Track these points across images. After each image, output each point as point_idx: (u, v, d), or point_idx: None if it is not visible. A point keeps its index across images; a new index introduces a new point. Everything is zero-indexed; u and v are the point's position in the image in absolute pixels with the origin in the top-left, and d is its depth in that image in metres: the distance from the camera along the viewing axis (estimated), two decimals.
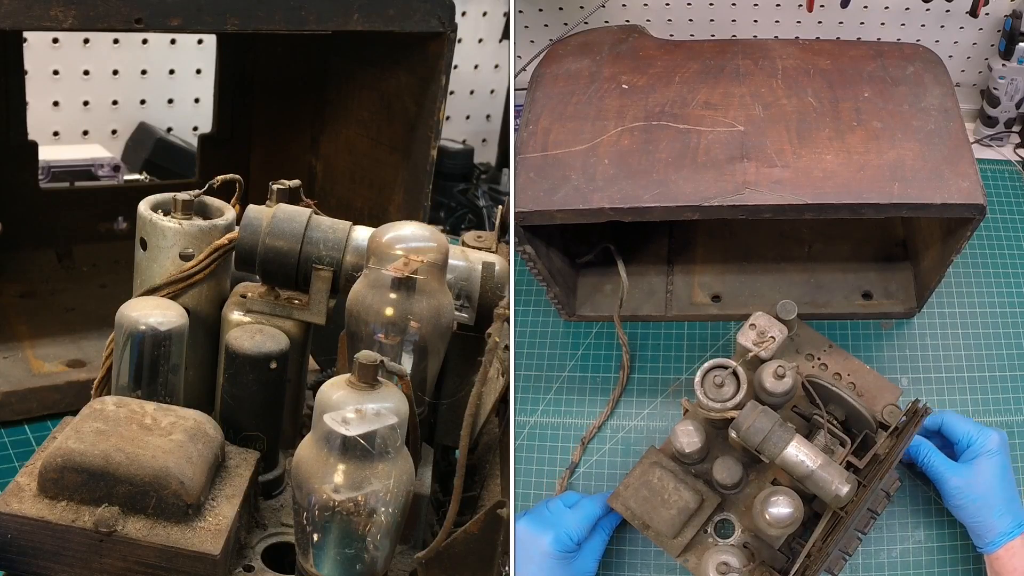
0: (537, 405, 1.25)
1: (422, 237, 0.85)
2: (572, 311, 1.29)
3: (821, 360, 1.12)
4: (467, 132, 2.34)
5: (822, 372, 1.10)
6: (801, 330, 1.13)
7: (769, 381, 1.00)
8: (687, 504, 1.04)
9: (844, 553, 1.01)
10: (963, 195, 1.01)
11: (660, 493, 1.04)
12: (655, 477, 1.05)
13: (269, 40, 1.42)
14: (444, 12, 1.19)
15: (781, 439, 0.95)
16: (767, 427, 0.95)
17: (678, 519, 1.03)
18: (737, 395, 1.00)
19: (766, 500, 0.96)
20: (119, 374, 0.87)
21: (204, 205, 0.95)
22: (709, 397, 1.00)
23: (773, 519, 0.95)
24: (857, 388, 1.09)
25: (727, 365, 1.01)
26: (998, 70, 1.41)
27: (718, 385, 1.00)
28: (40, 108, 1.81)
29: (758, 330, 1.04)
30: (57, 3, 0.97)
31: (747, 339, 1.04)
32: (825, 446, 0.99)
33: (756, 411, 0.96)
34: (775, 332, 1.04)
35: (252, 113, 1.52)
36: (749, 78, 1.16)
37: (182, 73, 1.98)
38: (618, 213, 1.04)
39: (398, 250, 0.84)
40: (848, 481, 0.94)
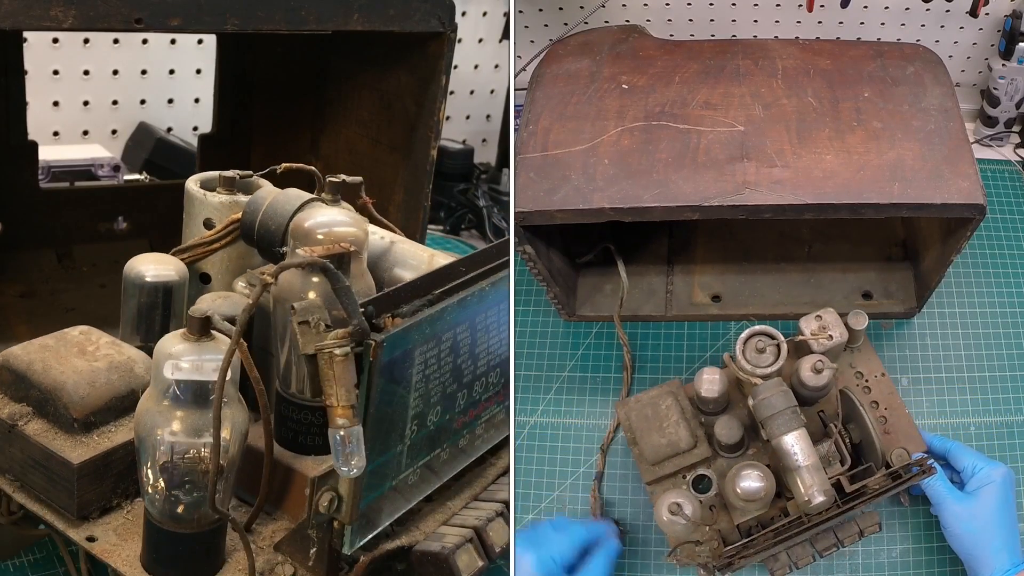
0: (537, 405, 1.25)
1: (343, 222, 0.88)
2: (572, 311, 1.29)
3: (868, 383, 1.11)
4: (467, 132, 2.34)
5: (861, 393, 1.09)
6: (864, 347, 1.11)
7: (806, 372, 1.00)
8: (679, 442, 1.04)
9: (792, 563, 1.01)
10: (963, 195, 1.01)
11: (661, 420, 1.06)
12: (664, 404, 1.06)
13: (269, 40, 1.42)
14: (444, 12, 1.19)
15: (786, 424, 0.95)
16: (779, 407, 0.95)
17: (664, 450, 1.05)
18: (773, 365, 1.00)
19: (739, 471, 0.97)
20: (122, 322, 0.95)
21: (250, 184, 1.03)
22: (746, 359, 1.00)
23: (743, 491, 0.96)
24: (887, 424, 1.08)
25: (774, 336, 1.01)
26: (998, 70, 1.41)
27: (759, 351, 1.01)
28: (40, 108, 1.81)
29: (822, 323, 1.04)
30: (57, 3, 0.97)
31: (808, 326, 1.04)
32: (825, 455, 0.98)
33: (777, 388, 0.96)
34: (836, 333, 1.04)
35: (252, 113, 1.52)
36: (749, 78, 1.16)
37: (182, 73, 1.98)
38: (618, 213, 1.04)
39: (320, 235, 0.86)
40: (826, 494, 0.93)
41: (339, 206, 1.02)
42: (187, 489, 0.79)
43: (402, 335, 0.79)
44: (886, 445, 1.03)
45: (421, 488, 0.90)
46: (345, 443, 0.74)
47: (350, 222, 0.88)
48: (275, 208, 0.96)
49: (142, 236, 1.46)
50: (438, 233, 1.95)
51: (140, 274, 0.94)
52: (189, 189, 1.04)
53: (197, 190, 1.04)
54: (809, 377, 1.00)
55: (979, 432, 1.18)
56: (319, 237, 0.86)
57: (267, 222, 0.96)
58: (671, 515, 0.97)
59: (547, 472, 1.20)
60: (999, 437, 1.18)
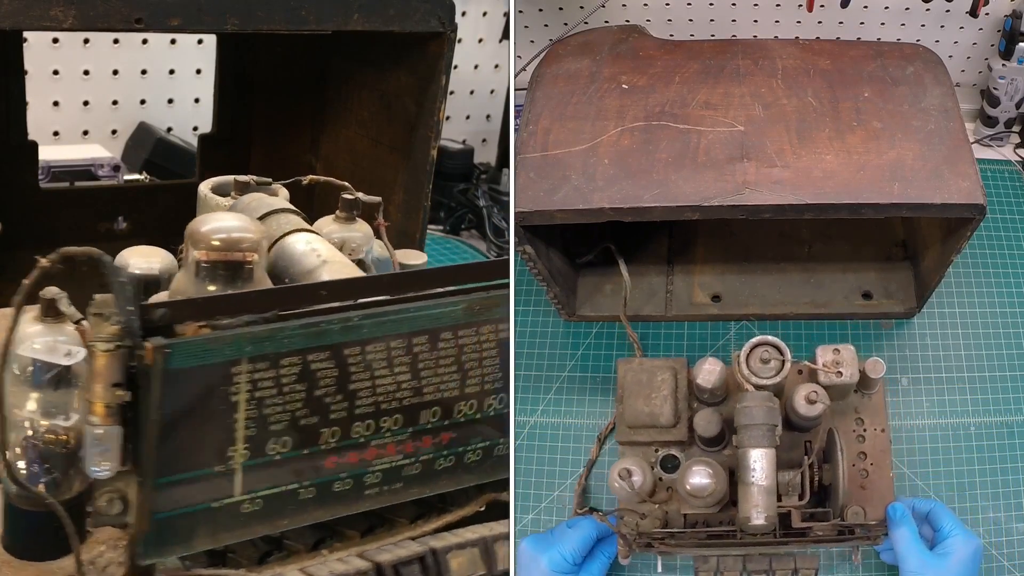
0: (537, 405, 1.25)
1: (241, 228, 0.85)
2: (572, 311, 1.29)
3: (864, 432, 1.08)
4: (467, 132, 2.34)
5: (851, 441, 1.07)
6: (875, 398, 1.09)
7: (799, 400, 0.99)
8: (659, 416, 1.06)
9: (719, 572, 1.02)
10: (963, 195, 1.01)
11: (651, 389, 1.07)
12: (660, 376, 1.07)
13: (269, 40, 1.42)
14: (444, 12, 1.19)
15: (757, 439, 0.95)
16: (757, 420, 0.95)
17: (643, 419, 1.06)
18: (771, 378, 1.00)
19: (692, 465, 0.97)
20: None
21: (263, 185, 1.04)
22: (749, 365, 1.00)
23: (690, 485, 0.96)
24: (866, 479, 1.05)
25: (781, 352, 1.00)
26: (998, 70, 1.41)
27: (763, 360, 1.00)
28: (40, 108, 1.81)
29: (837, 358, 1.03)
30: (57, 3, 0.97)
31: (823, 356, 1.03)
32: (787, 484, 0.97)
33: (763, 402, 0.96)
34: (847, 372, 1.02)
35: (252, 113, 1.52)
36: (749, 78, 1.16)
37: (182, 73, 1.98)
38: (618, 213, 1.04)
39: (215, 240, 0.84)
40: (768, 520, 0.93)
41: (355, 223, 1.02)
42: (46, 469, 0.78)
43: (204, 346, 0.74)
44: (854, 499, 1.02)
45: (272, 522, 0.82)
46: (97, 442, 0.73)
47: (248, 228, 0.86)
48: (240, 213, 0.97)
49: (142, 236, 1.45)
50: (438, 233, 1.95)
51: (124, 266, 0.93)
52: (201, 193, 1.04)
53: (209, 194, 1.04)
54: (801, 405, 0.99)
55: (979, 432, 1.18)
56: (215, 243, 0.84)
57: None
58: (619, 479, 1.00)
59: (547, 472, 1.20)
60: (999, 437, 1.18)
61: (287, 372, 0.79)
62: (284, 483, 0.81)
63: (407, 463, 0.86)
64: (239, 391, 0.77)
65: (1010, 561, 1.10)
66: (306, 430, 0.81)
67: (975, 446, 1.17)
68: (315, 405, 0.81)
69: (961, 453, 1.17)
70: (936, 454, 1.17)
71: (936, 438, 1.18)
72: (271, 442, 0.80)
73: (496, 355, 0.88)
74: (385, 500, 0.86)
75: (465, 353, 0.86)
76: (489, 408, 0.89)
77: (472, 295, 0.85)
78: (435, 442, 0.87)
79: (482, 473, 0.90)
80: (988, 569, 1.09)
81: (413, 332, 0.84)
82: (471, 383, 0.87)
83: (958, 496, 1.14)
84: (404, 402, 0.84)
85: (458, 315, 0.85)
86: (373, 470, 0.85)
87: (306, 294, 0.81)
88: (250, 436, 0.78)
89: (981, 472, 1.15)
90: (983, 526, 1.12)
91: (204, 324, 0.76)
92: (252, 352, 0.77)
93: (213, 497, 0.79)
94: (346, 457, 0.83)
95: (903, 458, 1.16)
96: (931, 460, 1.17)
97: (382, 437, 0.84)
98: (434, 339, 0.85)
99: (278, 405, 0.79)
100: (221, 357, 0.76)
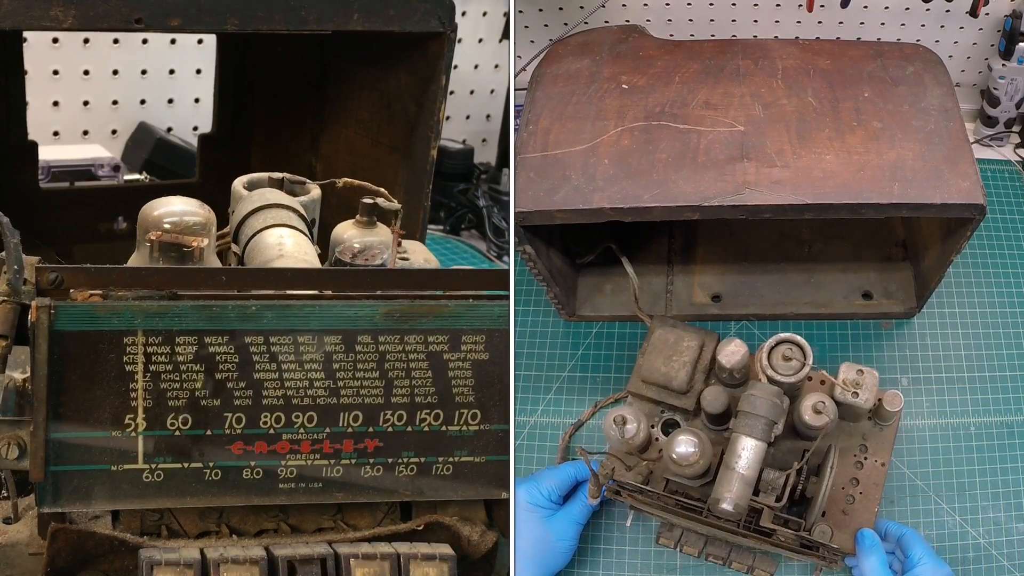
0: (537, 405, 1.25)
1: (191, 212, 0.89)
2: (572, 311, 1.29)
3: (864, 460, 1.06)
4: (467, 132, 2.34)
5: (849, 465, 1.05)
6: (887, 432, 1.07)
7: (806, 407, 0.99)
8: (673, 380, 1.07)
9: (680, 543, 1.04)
10: (963, 195, 1.01)
11: (673, 352, 1.08)
12: (686, 343, 1.08)
13: (269, 40, 1.42)
14: (444, 12, 1.19)
15: (753, 429, 0.95)
16: (759, 411, 0.95)
17: (657, 378, 1.07)
18: (787, 377, 0.99)
19: (679, 434, 0.97)
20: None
21: (295, 185, 1.08)
22: (770, 362, 1.00)
23: (675, 452, 0.96)
24: (851, 504, 1.04)
25: (805, 355, 1.00)
26: (998, 70, 1.41)
27: (785, 358, 1.01)
28: (40, 108, 1.81)
29: (858, 379, 1.02)
30: (57, 3, 0.97)
31: (846, 372, 1.02)
32: (769, 482, 0.97)
33: (770, 395, 0.96)
34: (864, 396, 1.01)
35: (252, 113, 1.52)
36: (749, 78, 1.16)
37: (182, 73, 1.98)
38: (618, 213, 1.04)
39: (167, 224, 0.88)
40: (737, 509, 0.93)
41: (375, 228, 1.04)
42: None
43: (92, 312, 0.78)
44: (831, 520, 1.01)
45: (176, 497, 0.83)
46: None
47: (196, 213, 0.89)
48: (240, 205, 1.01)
49: None
50: (438, 233, 1.95)
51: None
52: (235, 188, 1.08)
53: (241, 190, 1.07)
54: (807, 413, 0.99)
55: (979, 432, 1.18)
56: (165, 226, 0.88)
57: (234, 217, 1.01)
58: (613, 424, 1.01)
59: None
60: (999, 437, 1.18)
61: (183, 351, 0.81)
62: (187, 460, 0.83)
63: (326, 464, 0.86)
64: (134, 362, 0.80)
65: (1010, 561, 1.10)
66: (208, 412, 0.82)
67: (975, 446, 1.17)
68: (216, 388, 0.82)
69: (961, 453, 1.17)
70: (936, 454, 1.17)
71: (936, 438, 1.18)
72: (170, 417, 0.82)
73: (427, 368, 0.86)
74: (304, 498, 0.86)
75: (388, 361, 0.85)
76: (422, 423, 0.86)
77: (393, 301, 0.84)
78: (358, 448, 0.86)
79: (417, 490, 0.88)
80: (988, 569, 1.09)
81: (324, 330, 0.83)
82: (398, 393, 0.86)
83: (958, 496, 1.14)
84: (319, 401, 0.84)
85: (376, 319, 0.84)
86: (287, 464, 0.85)
87: (205, 277, 0.82)
88: (148, 408, 0.81)
89: (981, 472, 1.15)
90: (983, 526, 1.12)
91: (96, 293, 0.79)
92: (145, 325, 0.80)
93: (113, 461, 0.81)
94: (254, 445, 0.84)
95: (903, 458, 1.16)
96: (931, 460, 1.17)
97: (295, 432, 0.84)
98: (349, 341, 0.84)
99: (175, 382, 0.81)
100: (110, 325, 0.79)
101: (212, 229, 0.91)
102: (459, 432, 0.87)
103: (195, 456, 0.83)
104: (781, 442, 1.03)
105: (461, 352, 0.86)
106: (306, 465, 0.85)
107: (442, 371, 0.86)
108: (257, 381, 0.83)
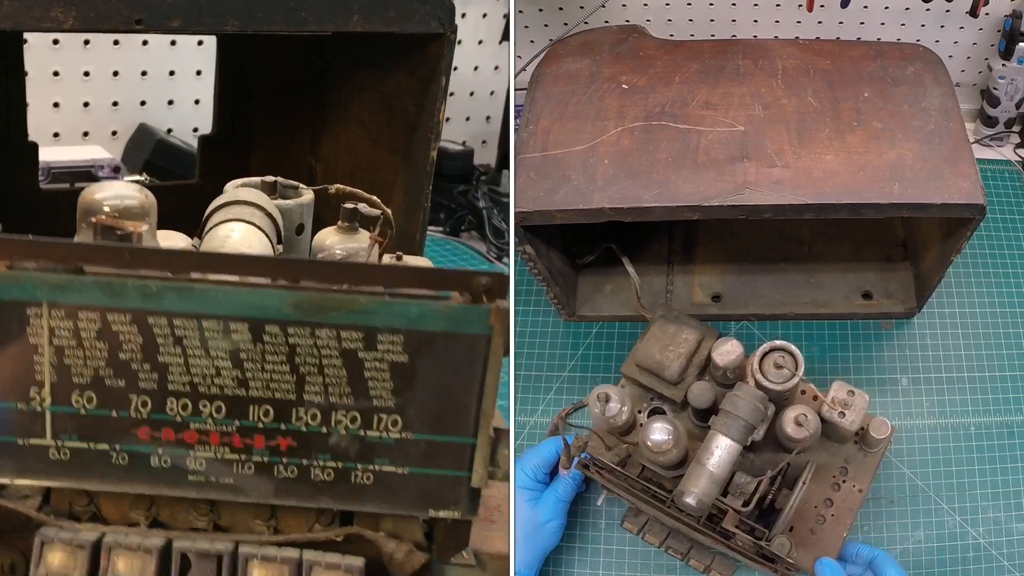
0: (537, 405, 1.25)
1: (130, 196, 0.88)
2: (572, 311, 1.30)
3: (842, 484, 1.05)
4: (467, 133, 2.34)
5: (826, 486, 1.04)
6: (871, 457, 1.06)
7: (789, 419, 0.98)
8: (665, 369, 1.06)
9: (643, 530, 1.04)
10: (963, 195, 1.01)
11: (670, 343, 1.08)
12: (684, 336, 1.08)
13: (269, 41, 1.42)
14: (444, 13, 1.19)
15: (730, 429, 0.95)
16: (740, 412, 0.95)
17: (650, 364, 1.07)
18: (776, 385, 0.99)
19: (651, 423, 0.97)
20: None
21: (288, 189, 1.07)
22: (761, 367, 1.00)
23: (650, 439, 0.96)
24: (820, 525, 1.02)
25: (797, 364, 1.00)
26: (998, 70, 1.42)
27: (777, 366, 1.00)
28: (40, 109, 1.81)
29: (847, 400, 1.01)
30: (57, 4, 0.97)
31: (837, 391, 1.01)
32: (739, 486, 0.96)
33: (754, 399, 0.96)
34: (851, 417, 1.00)
35: (252, 114, 1.52)
36: (749, 78, 1.16)
37: (182, 74, 1.98)
38: (618, 213, 1.04)
39: (107, 207, 0.87)
40: (700, 505, 0.92)
41: (357, 234, 1.04)
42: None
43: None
44: (798, 538, 1.00)
45: (81, 478, 0.82)
46: None
47: (134, 197, 0.88)
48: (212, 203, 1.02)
49: None
50: (438, 235, 1.95)
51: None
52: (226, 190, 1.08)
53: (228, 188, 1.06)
54: (789, 423, 0.98)
55: (979, 432, 1.18)
56: (106, 209, 0.87)
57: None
58: (596, 400, 1.01)
59: None
60: (999, 437, 1.18)
61: (86, 326, 0.80)
62: (93, 441, 0.82)
63: (236, 458, 0.83)
64: (38, 334, 0.79)
65: (1010, 561, 1.10)
66: (112, 392, 0.81)
67: (975, 446, 1.17)
68: (120, 368, 0.81)
69: (961, 453, 1.17)
70: (936, 454, 1.17)
71: (936, 438, 1.18)
72: (75, 394, 0.81)
73: (341, 366, 0.82)
74: (214, 493, 0.83)
75: (299, 355, 0.82)
76: (338, 426, 0.83)
77: (301, 292, 0.81)
78: (270, 445, 0.83)
79: (336, 497, 0.84)
80: (988, 569, 1.09)
81: (228, 316, 0.81)
82: (311, 391, 0.83)
83: (958, 496, 1.14)
84: (226, 391, 0.82)
85: (284, 309, 0.81)
86: (195, 455, 0.83)
87: (109, 254, 0.81)
88: (53, 383, 0.80)
89: (981, 472, 1.16)
90: (983, 526, 1.12)
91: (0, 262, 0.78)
92: (48, 297, 0.79)
93: (20, 433, 0.81)
94: (160, 431, 0.82)
95: (903, 458, 1.17)
96: (931, 460, 1.17)
97: (203, 422, 0.82)
98: (256, 330, 0.81)
99: (79, 358, 0.80)
100: (12, 295, 0.79)
101: (152, 214, 0.90)
102: (379, 438, 0.83)
103: (101, 437, 0.82)
104: (761, 451, 1.03)
105: (377, 352, 0.82)
106: (215, 458, 0.83)
107: (358, 371, 0.82)
108: (162, 364, 0.81)
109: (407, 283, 0.82)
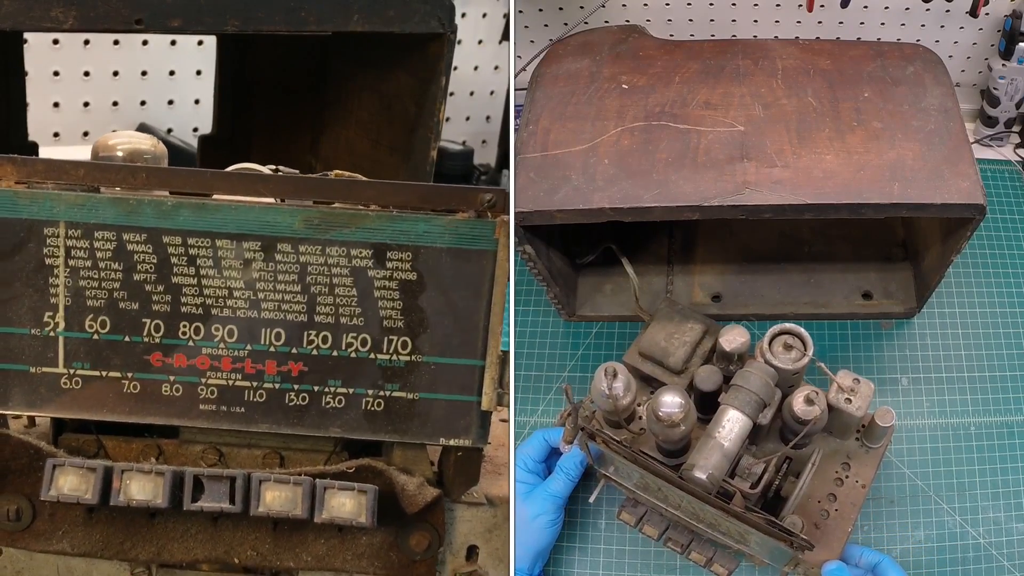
0: (537, 405, 1.25)
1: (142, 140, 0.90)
2: (572, 311, 1.30)
3: (844, 479, 1.05)
4: (467, 133, 2.34)
5: (828, 481, 1.04)
6: (874, 454, 1.06)
7: (799, 398, 0.98)
8: (669, 357, 1.08)
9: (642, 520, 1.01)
10: (963, 195, 1.01)
11: (676, 331, 1.10)
12: (689, 325, 1.10)
13: (269, 41, 1.42)
14: (444, 13, 1.19)
15: (742, 403, 0.94)
16: (752, 387, 0.95)
17: (654, 351, 1.09)
18: (788, 364, 0.99)
19: (661, 393, 0.95)
20: None
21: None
22: (771, 348, 1.00)
23: (663, 412, 0.93)
24: (825, 520, 1.02)
25: (806, 343, 1.00)
26: (998, 70, 1.41)
27: (787, 347, 1.00)
28: (40, 109, 1.81)
29: (853, 387, 1.01)
30: (57, 4, 0.97)
31: (843, 379, 1.02)
32: (747, 468, 0.96)
33: (765, 376, 0.96)
34: (856, 403, 1.00)
35: (252, 114, 1.52)
36: (749, 78, 1.16)
37: (182, 74, 1.98)
38: (618, 213, 1.04)
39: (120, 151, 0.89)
40: (710, 479, 0.90)
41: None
42: None
43: (12, 198, 0.78)
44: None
45: (93, 409, 0.82)
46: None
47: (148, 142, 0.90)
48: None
49: None
50: None
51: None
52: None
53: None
54: (799, 403, 0.97)
55: (979, 432, 1.18)
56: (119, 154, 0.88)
57: None
58: (603, 376, 1.00)
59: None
60: (999, 437, 1.18)
61: (102, 246, 0.80)
62: (106, 368, 0.81)
63: (247, 385, 0.82)
64: (55, 255, 0.79)
65: (1010, 561, 1.10)
66: (126, 315, 0.81)
67: (975, 446, 1.17)
68: (134, 290, 0.80)
69: (961, 453, 1.17)
70: (936, 454, 1.17)
71: (936, 438, 1.18)
72: (89, 318, 0.80)
73: (351, 284, 0.81)
74: (226, 422, 0.83)
75: (310, 274, 0.81)
76: (348, 349, 0.82)
77: (312, 208, 0.81)
78: (282, 370, 0.82)
79: (347, 426, 0.83)
80: (988, 569, 1.09)
81: (242, 234, 0.81)
82: (321, 312, 0.82)
83: (958, 496, 1.14)
84: (239, 313, 0.81)
85: (295, 226, 0.81)
86: (207, 383, 0.82)
87: (125, 174, 0.81)
88: (68, 307, 0.80)
89: (981, 472, 1.16)
90: (983, 526, 1.12)
91: (20, 181, 0.78)
92: (64, 216, 0.79)
93: (32, 362, 0.80)
94: (172, 357, 0.81)
95: (903, 458, 1.17)
96: (931, 460, 1.17)
97: (215, 346, 0.82)
98: (269, 248, 0.81)
99: (94, 280, 0.80)
100: (30, 214, 0.79)
101: (164, 163, 0.90)
102: (388, 362, 0.82)
103: (113, 364, 0.81)
104: (764, 443, 1.03)
105: (386, 269, 0.81)
106: (227, 385, 0.82)
107: (367, 290, 0.82)
108: (175, 285, 0.80)
109: (413, 201, 0.82)
